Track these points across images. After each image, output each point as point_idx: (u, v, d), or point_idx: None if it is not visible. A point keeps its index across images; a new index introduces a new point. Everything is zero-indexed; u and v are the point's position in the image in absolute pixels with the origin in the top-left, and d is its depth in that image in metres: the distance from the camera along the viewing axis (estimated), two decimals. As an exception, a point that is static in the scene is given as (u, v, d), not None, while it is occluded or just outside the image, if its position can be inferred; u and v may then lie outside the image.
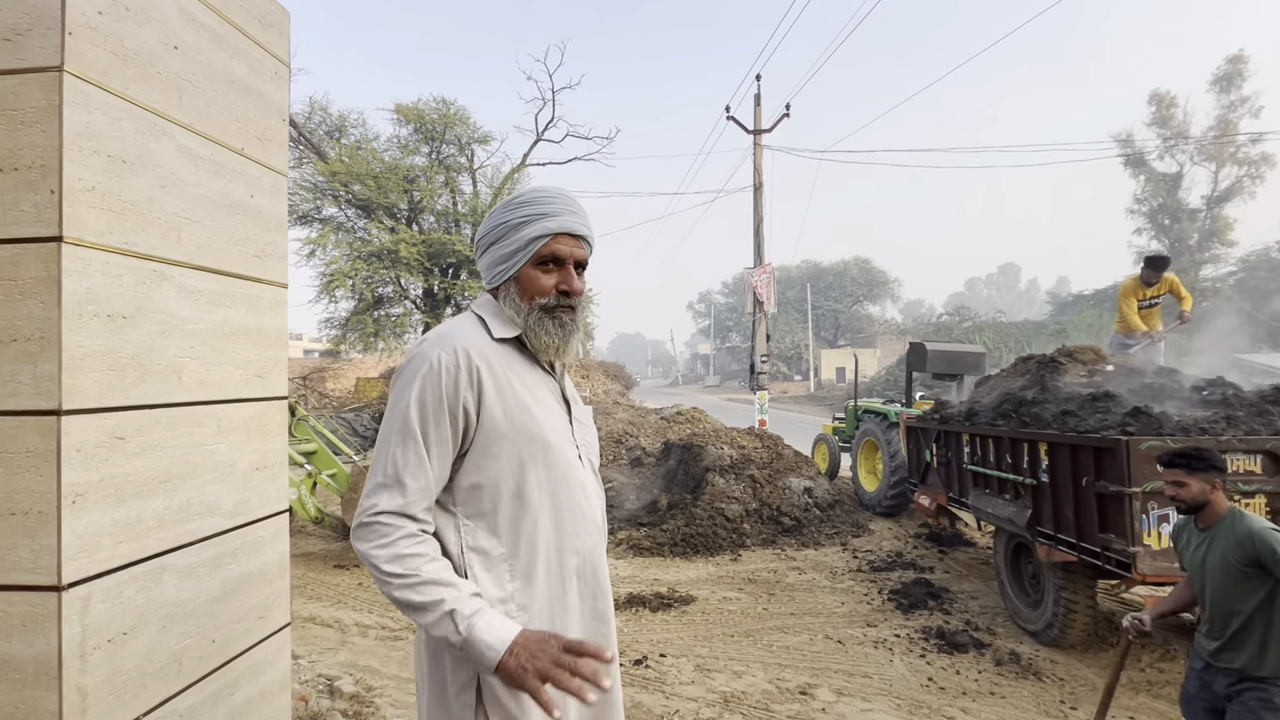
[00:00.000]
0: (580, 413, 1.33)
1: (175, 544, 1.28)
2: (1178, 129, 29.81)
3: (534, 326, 1.21)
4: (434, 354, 1.13)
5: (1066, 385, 4.59)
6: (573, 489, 1.21)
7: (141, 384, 1.22)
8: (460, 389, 1.12)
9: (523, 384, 1.20)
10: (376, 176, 14.74)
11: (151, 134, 1.25)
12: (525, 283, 1.22)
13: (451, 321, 1.25)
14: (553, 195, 1.25)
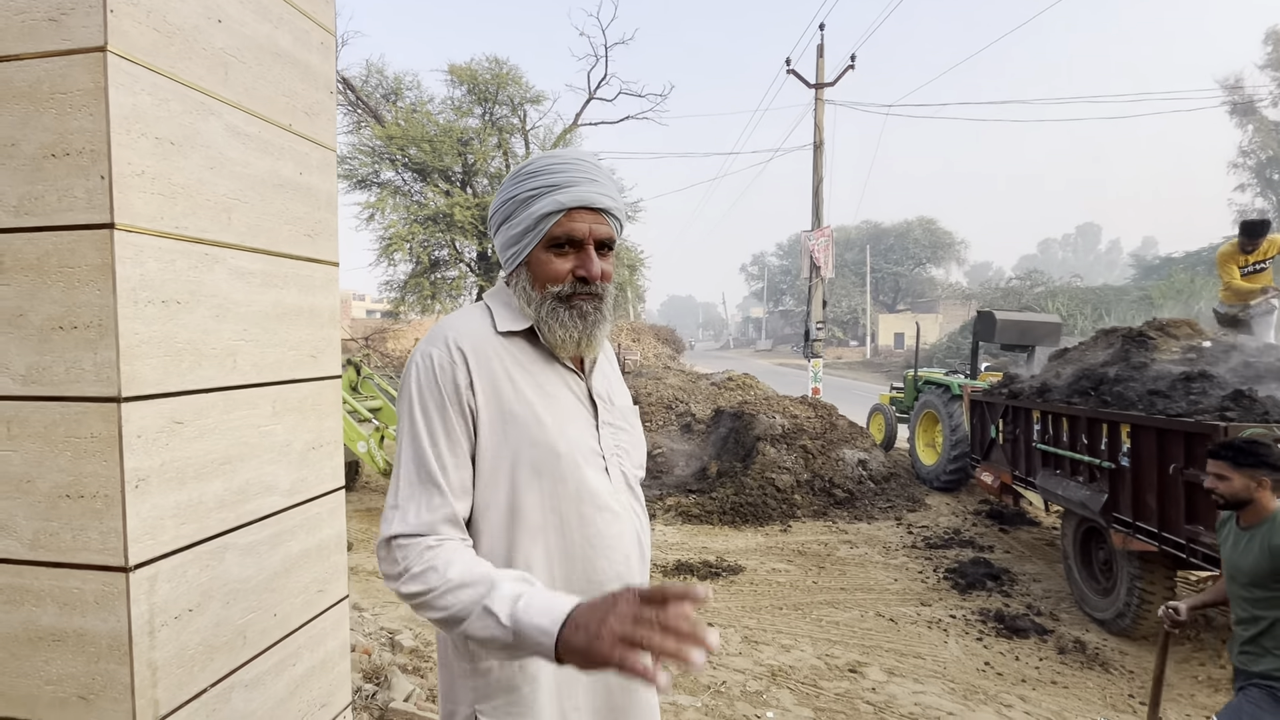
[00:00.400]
0: (613, 415, 1.12)
1: (236, 524, 1.31)
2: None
3: (547, 318, 1.03)
4: (425, 352, 1.02)
5: (1156, 362, 4.23)
6: (587, 509, 1.02)
7: (198, 368, 1.22)
8: (459, 385, 0.99)
9: (532, 382, 1.03)
10: (431, 140, 14.86)
11: (199, 113, 1.22)
12: (537, 268, 1.05)
13: (453, 313, 1.11)
14: (566, 161, 1.04)
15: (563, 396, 1.07)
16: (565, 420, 1.04)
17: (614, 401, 1.15)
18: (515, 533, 1.01)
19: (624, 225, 1.12)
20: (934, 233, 49.83)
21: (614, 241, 1.08)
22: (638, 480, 1.15)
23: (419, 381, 1.01)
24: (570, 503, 1.02)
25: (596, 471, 1.05)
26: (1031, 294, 27.75)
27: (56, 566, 1.11)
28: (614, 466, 1.09)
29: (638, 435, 1.19)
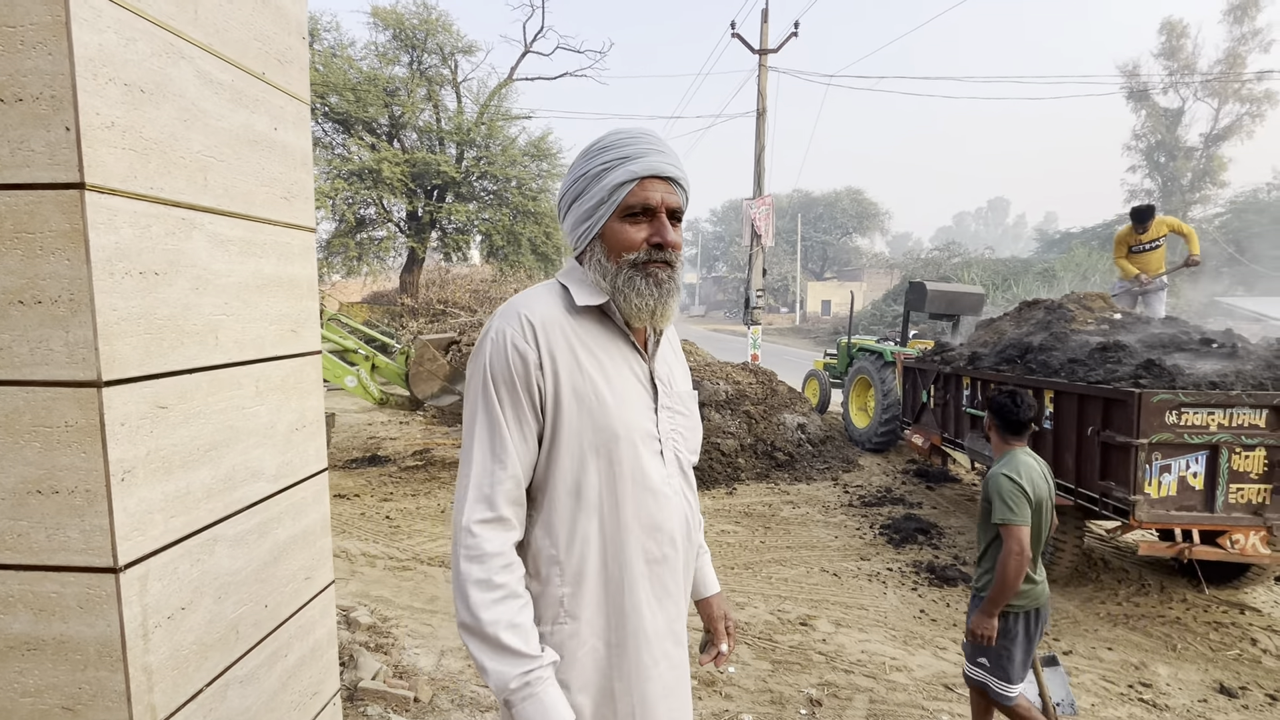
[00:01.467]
0: (672, 399, 1.15)
1: (224, 513, 1.21)
2: (1186, 61, 28.93)
3: (623, 287, 1.05)
4: (499, 329, 1.03)
5: (1075, 333, 4.59)
6: (638, 491, 1.06)
7: (180, 347, 1.11)
8: (529, 363, 1.01)
9: (595, 362, 1.05)
10: (354, 88, 13.85)
11: (169, 57, 1.08)
12: (611, 238, 1.06)
13: (528, 290, 1.11)
14: (635, 135, 1.08)
15: (625, 378, 1.08)
16: (626, 403, 1.06)
17: (674, 386, 1.17)
18: (575, 509, 1.04)
19: (690, 198, 1.13)
20: (861, 203, 51.52)
21: (683, 213, 1.10)
22: (690, 464, 1.18)
23: (491, 360, 1.02)
24: (625, 484, 1.05)
25: (652, 455, 1.08)
26: (949, 264, 29.37)
27: (27, 569, 1.00)
28: (669, 450, 1.11)
29: (695, 420, 1.21)
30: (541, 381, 1.02)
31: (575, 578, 1.04)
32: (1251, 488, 3.34)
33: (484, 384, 1.02)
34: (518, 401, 1.01)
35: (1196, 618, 4.02)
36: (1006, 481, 2.30)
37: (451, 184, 15.22)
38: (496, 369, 1.01)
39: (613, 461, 1.04)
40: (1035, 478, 2.36)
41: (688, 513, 1.14)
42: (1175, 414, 3.31)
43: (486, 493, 1.00)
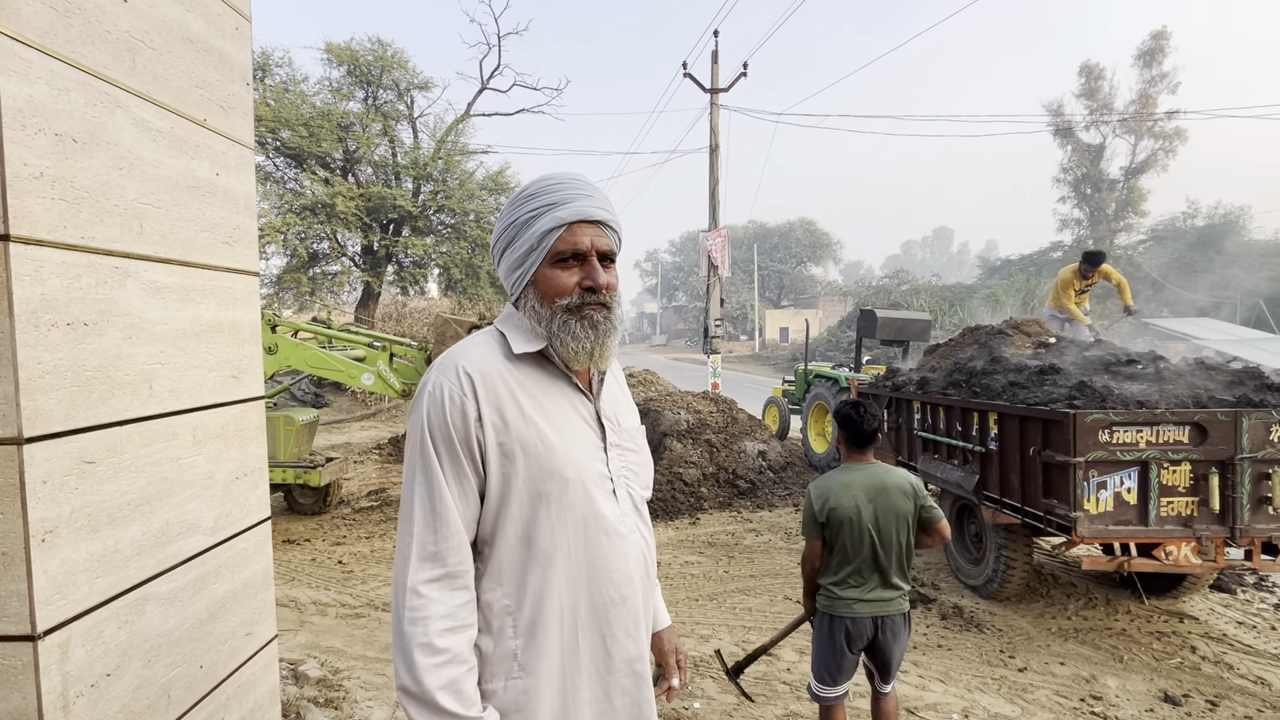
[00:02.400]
0: (620, 436, 1.15)
1: (156, 570, 1.16)
2: (1103, 101, 31.21)
3: (559, 331, 1.05)
4: (436, 383, 1.02)
5: (1014, 357, 4.82)
6: (593, 534, 1.05)
7: (110, 399, 1.07)
8: (468, 418, 1.00)
9: (539, 408, 1.05)
10: (307, 123, 13.73)
11: (104, 106, 1.07)
12: (544, 285, 1.07)
13: (464, 340, 1.11)
14: (562, 181, 1.09)
15: (571, 420, 1.08)
16: (573, 445, 1.06)
17: (621, 423, 1.17)
18: (526, 558, 1.03)
19: (622, 240, 1.15)
20: (814, 233, 53.26)
21: (615, 255, 1.11)
22: (644, 500, 1.18)
23: (429, 415, 1.01)
24: (577, 528, 1.04)
25: (604, 495, 1.08)
26: (899, 291, 30.48)
27: (-67, 641, 0.94)
28: (621, 489, 1.11)
29: (645, 455, 1.21)
30: (482, 436, 1.00)
31: (529, 629, 1.02)
32: (1180, 500, 3.52)
33: (422, 440, 1.01)
34: (456, 458, 1.00)
35: (1140, 628, 4.18)
36: (805, 500, 2.52)
37: (408, 218, 15.11)
38: (434, 425, 1.00)
39: (564, 506, 1.03)
40: (840, 495, 2.42)
41: (644, 550, 1.13)
42: (1108, 432, 3.49)
43: (431, 550, 0.98)
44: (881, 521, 2.40)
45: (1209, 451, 3.47)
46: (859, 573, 2.43)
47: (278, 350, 5.72)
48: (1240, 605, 4.58)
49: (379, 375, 5.71)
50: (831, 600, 2.47)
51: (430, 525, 0.98)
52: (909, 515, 2.42)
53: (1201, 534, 3.49)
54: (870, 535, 2.40)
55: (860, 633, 2.43)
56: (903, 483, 2.46)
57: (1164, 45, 29.55)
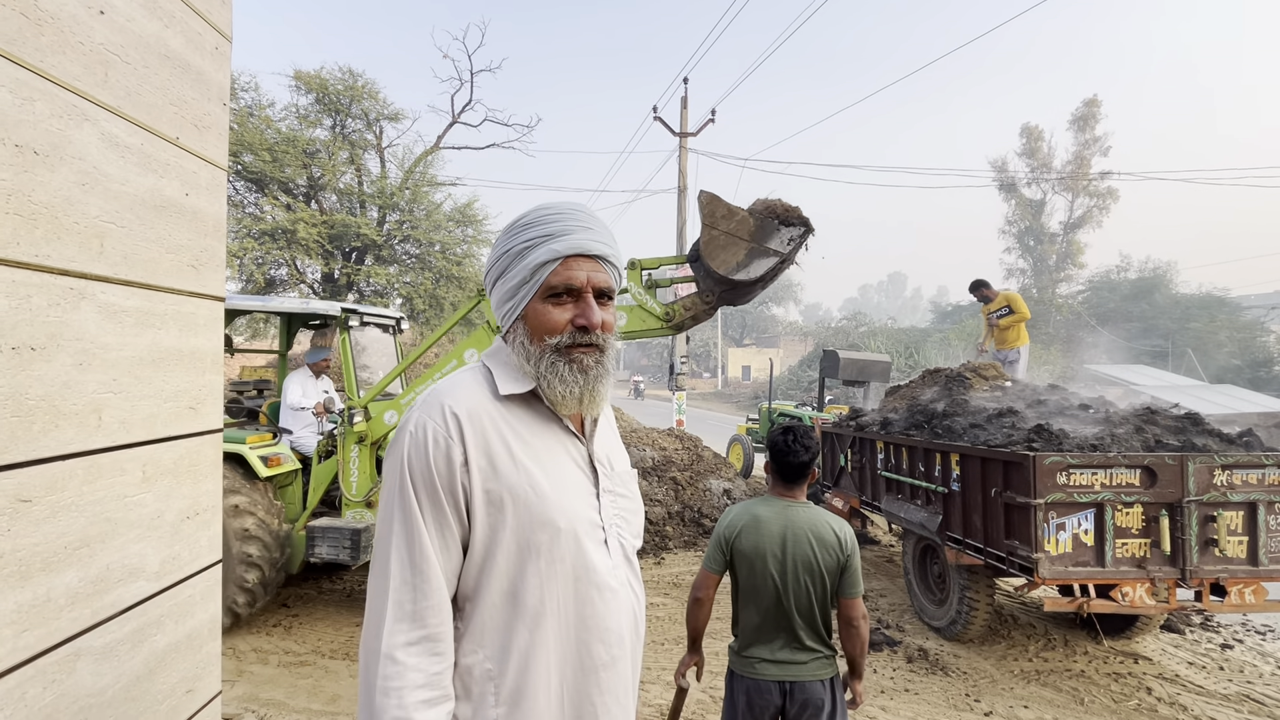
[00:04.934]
0: (613, 481, 1.07)
1: (91, 622, 1.05)
2: (1043, 160, 33.35)
3: (546, 373, 0.98)
4: (420, 423, 0.94)
5: (973, 399, 4.96)
6: (584, 589, 0.97)
7: (53, 430, 0.98)
8: (453, 463, 0.92)
9: (529, 451, 0.97)
10: (271, 148, 13.49)
11: (71, 118, 1.01)
12: (534, 320, 1.00)
13: (451, 376, 1.04)
14: (560, 211, 1.02)
15: (563, 464, 1.01)
16: (565, 491, 0.99)
17: (614, 466, 1.10)
18: (512, 616, 0.94)
19: (623, 276, 1.09)
20: (775, 275, 54.52)
21: (613, 291, 1.05)
22: (634, 550, 1.10)
23: (410, 458, 0.93)
24: (567, 583, 0.96)
25: (596, 545, 1.00)
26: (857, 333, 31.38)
27: None
28: (613, 538, 1.04)
29: (637, 501, 1.14)
30: (467, 482, 0.93)
31: (513, 696, 0.92)
32: (1134, 542, 3.63)
33: (401, 485, 0.93)
34: (439, 506, 0.92)
35: (1098, 670, 4.24)
36: (716, 526, 2.24)
37: (372, 246, 14.87)
38: (416, 469, 0.92)
39: (554, 559, 0.95)
40: (748, 529, 2.15)
41: (635, 606, 1.05)
42: (1065, 474, 3.59)
43: (409, 609, 0.89)
44: (789, 570, 2.09)
45: (1159, 494, 3.61)
46: (766, 627, 2.12)
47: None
48: (1189, 645, 4.71)
49: (633, 309, 4.34)
50: (736, 655, 2.18)
51: (409, 581, 0.90)
52: (827, 571, 2.09)
53: (1155, 575, 3.59)
54: (774, 583, 2.10)
55: (764, 699, 2.09)
56: (826, 533, 2.11)
57: (1095, 111, 31.90)
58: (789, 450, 2.18)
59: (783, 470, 2.21)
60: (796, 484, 2.21)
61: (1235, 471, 3.62)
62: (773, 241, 3.64)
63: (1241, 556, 3.63)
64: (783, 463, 2.20)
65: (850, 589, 2.11)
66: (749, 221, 3.71)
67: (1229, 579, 3.60)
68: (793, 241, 3.63)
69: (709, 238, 3.64)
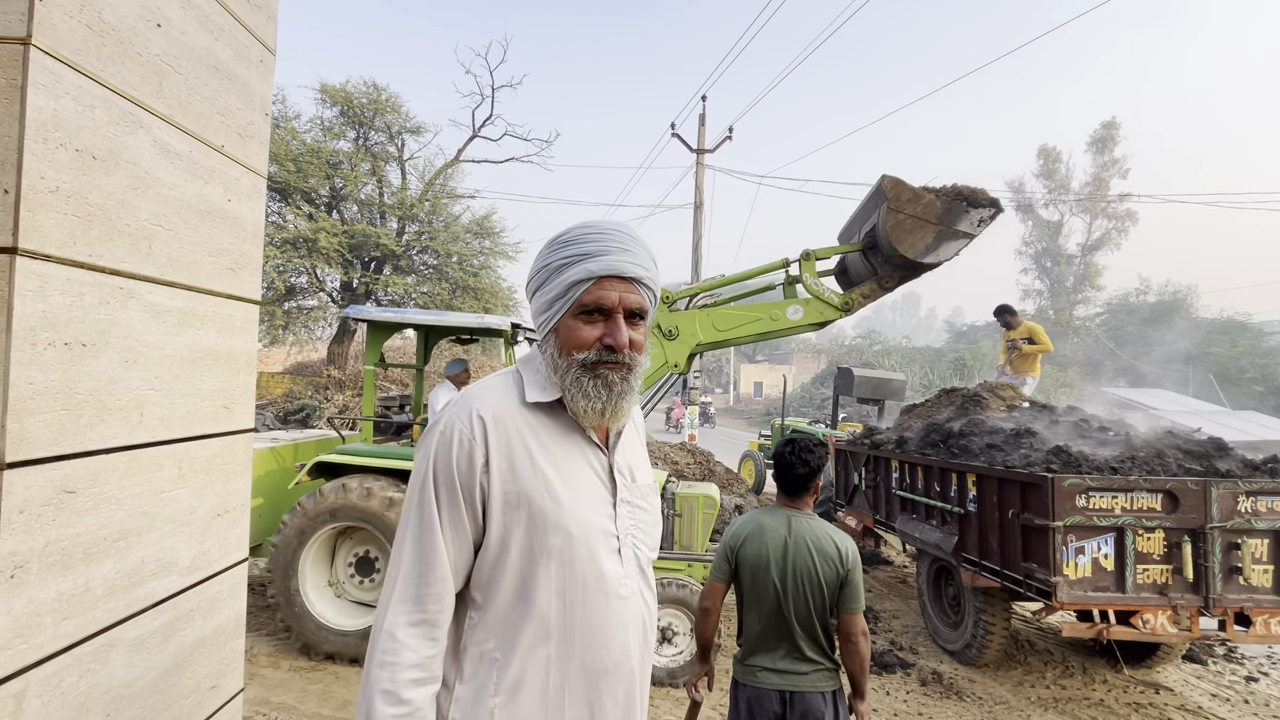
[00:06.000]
0: (632, 492, 1.09)
1: (126, 613, 1.08)
2: (1060, 181, 33.19)
3: (571, 386, 1.01)
4: (448, 423, 1.00)
5: (990, 419, 4.91)
6: (592, 595, 0.99)
7: (99, 424, 1.01)
8: (474, 465, 0.97)
9: (550, 458, 1.01)
10: (296, 158, 13.77)
11: (127, 126, 1.05)
12: (565, 335, 1.03)
13: (486, 380, 1.08)
14: (600, 231, 1.04)
15: (582, 473, 1.04)
16: (581, 499, 1.01)
17: (635, 478, 1.12)
18: (521, 614, 0.98)
19: (658, 296, 1.11)
20: (788, 291, 54.43)
21: (646, 312, 1.06)
22: (650, 561, 1.12)
23: (436, 455, 0.98)
24: (577, 587, 0.99)
25: (608, 554, 1.02)
26: (871, 351, 31.18)
27: None
28: (627, 548, 1.05)
29: (656, 514, 1.15)
30: (487, 483, 0.97)
31: (513, 687, 0.96)
32: (1155, 568, 3.56)
33: (425, 479, 0.98)
34: (455, 503, 0.97)
35: (1118, 699, 4.14)
36: (723, 536, 2.26)
37: (390, 256, 15.08)
38: (439, 466, 0.97)
39: (565, 563, 0.98)
40: (753, 538, 2.19)
41: (645, 615, 1.06)
42: (1084, 497, 3.54)
43: (413, 593, 0.95)
44: (790, 579, 2.12)
45: (1181, 520, 3.54)
46: (768, 635, 2.15)
47: (679, 333, 4.12)
48: (1213, 676, 4.59)
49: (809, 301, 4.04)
50: (739, 663, 2.21)
51: (417, 569, 0.95)
52: (826, 582, 2.11)
53: (1177, 603, 3.51)
54: (775, 591, 2.12)
55: (763, 706, 2.11)
56: (827, 545, 2.14)
57: (1114, 134, 31.74)
58: (790, 462, 2.22)
59: (785, 481, 2.24)
60: (800, 496, 2.24)
61: (1260, 498, 3.55)
62: (962, 223, 3.66)
63: (1267, 586, 3.54)
64: (785, 474, 2.23)
65: (850, 604, 2.12)
66: (936, 204, 3.69)
67: (1254, 609, 3.51)
68: (982, 223, 3.65)
69: (895, 221, 3.64)
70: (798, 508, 2.23)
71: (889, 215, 3.64)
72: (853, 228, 4.24)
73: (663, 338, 4.03)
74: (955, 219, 3.67)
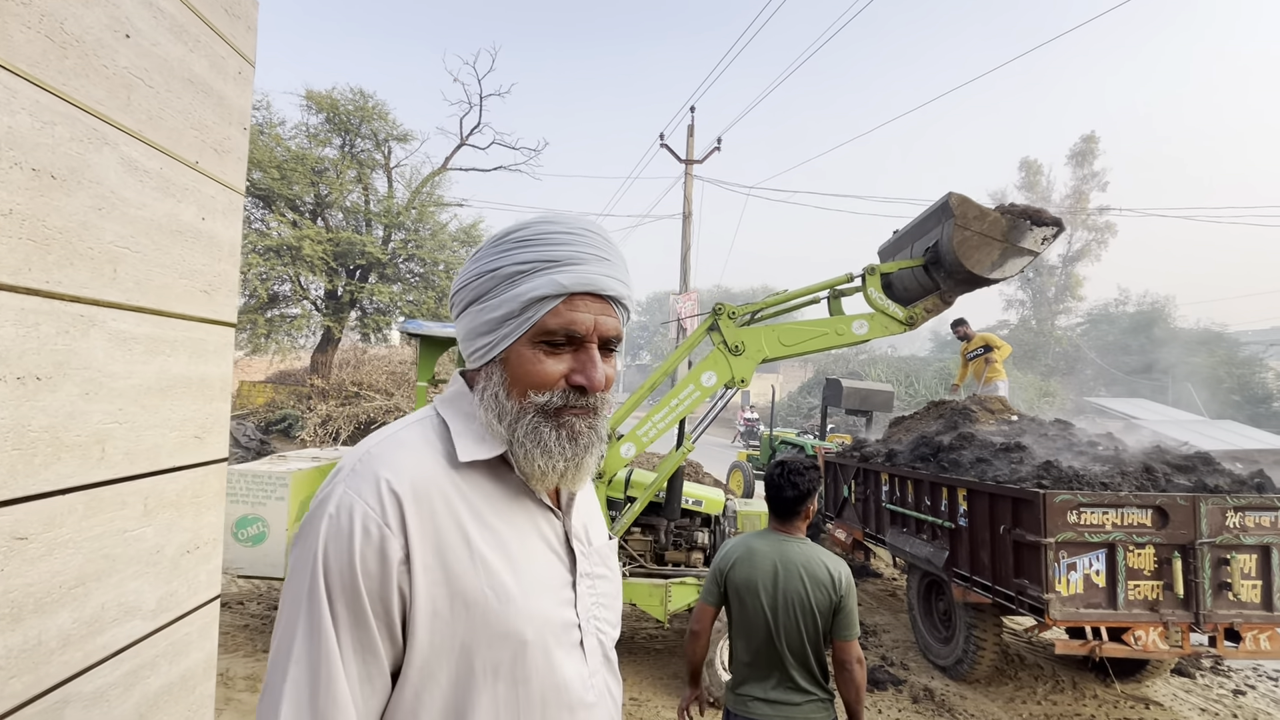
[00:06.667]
0: (591, 561, 0.86)
1: (84, 665, 1.00)
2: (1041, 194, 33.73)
3: (524, 439, 0.76)
4: (343, 504, 0.70)
5: (979, 433, 4.91)
6: (553, 713, 0.76)
7: (55, 463, 0.94)
8: (389, 561, 0.69)
9: (492, 538, 0.75)
10: (280, 165, 13.61)
11: (91, 142, 0.99)
12: (518, 368, 0.77)
13: (390, 432, 0.79)
14: (569, 231, 0.79)
15: (534, 550, 0.79)
16: (535, 589, 0.77)
17: (591, 540, 0.89)
18: None
19: (630, 317, 0.87)
20: (775, 300, 54.78)
21: (619, 340, 0.82)
22: (613, 644, 0.89)
23: (327, 555, 0.69)
24: (533, 710, 0.74)
25: (569, 652, 0.79)
26: (857, 360, 31.35)
27: None
28: (590, 638, 0.82)
29: (617, 581, 0.92)
30: (408, 587, 0.70)
31: None
32: (1146, 584, 3.56)
33: (312, 592, 0.68)
34: (363, 623, 0.68)
35: (1108, 715, 4.12)
36: (714, 559, 2.23)
37: (376, 264, 14.94)
38: (334, 570, 0.68)
39: (516, 681, 0.73)
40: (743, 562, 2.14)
41: (612, 715, 0.85)
42: (1076, 513, 3.54)
43: None
44: (780, 606, 2.05)
45: (1171, 535, 3.55)
46: (759, 664, 2.09)
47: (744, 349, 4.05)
48: (1201, 690, 4.60)
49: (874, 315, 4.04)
50: (730, 692, 2.15)
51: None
52: (818, 608, 2.04)
53: (1168, 619, 3.51)
54: (765, 618, 2.06)
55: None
56: (819, 570, 2.07)
57: (1093, 147, 32.36)
58: (780, 485, 2.17)
59: (774, 505, 2.20)
60: (790, 520, 2.19)
61: (1248, 514, 3.56)
62: (1026, 241, 3.75)
63: (1256, 601, 3.55)
64: (774, 497, 2.19)
65: (844, 631, 2.06)
66: (1001, 222, 3.79)
67: (1244, 624, 3.52)
68: (1045, 240, 3.76)
69: (962, 238, 3.74)
70: (789, 532, 2.19)
71: (956, 232, 3.73)
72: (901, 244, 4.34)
73: (729, 353, 4.10)
74: (1020, 236, 3.76)
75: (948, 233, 3.75)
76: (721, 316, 4.12)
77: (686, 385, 4.11)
